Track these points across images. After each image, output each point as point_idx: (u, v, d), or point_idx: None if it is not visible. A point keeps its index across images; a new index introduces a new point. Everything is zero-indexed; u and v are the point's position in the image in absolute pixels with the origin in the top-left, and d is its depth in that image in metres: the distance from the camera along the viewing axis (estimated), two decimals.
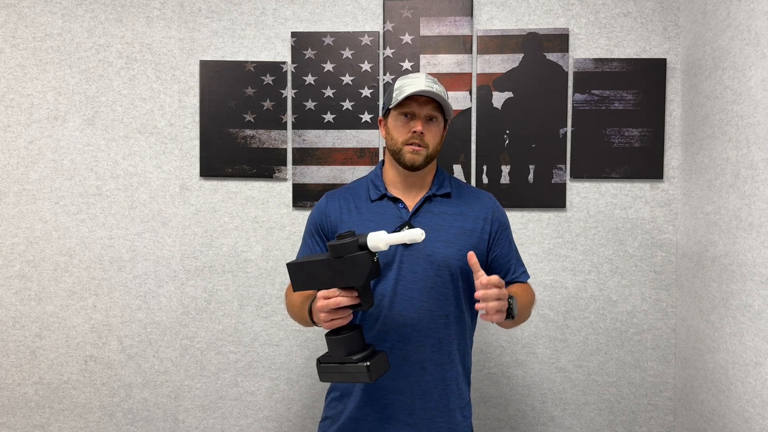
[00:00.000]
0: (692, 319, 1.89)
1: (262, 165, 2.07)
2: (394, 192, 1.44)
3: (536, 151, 2.03)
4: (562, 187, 2.03)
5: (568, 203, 2.04)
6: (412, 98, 1.36)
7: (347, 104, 2.05)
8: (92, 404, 2.12)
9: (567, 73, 2.02)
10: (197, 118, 2.09)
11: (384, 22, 2.04)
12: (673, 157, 2.02)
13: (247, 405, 2.11)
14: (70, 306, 2.10)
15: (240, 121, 2.06)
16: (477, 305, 1.14)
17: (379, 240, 1.13)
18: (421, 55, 2.04)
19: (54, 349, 2.11)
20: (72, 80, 2.08)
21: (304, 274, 1.22)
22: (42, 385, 2.11)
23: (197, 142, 2.09)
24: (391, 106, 1.40)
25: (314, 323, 1.28)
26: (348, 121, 2.05)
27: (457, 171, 2.04)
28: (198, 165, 2.09)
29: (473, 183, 2.05)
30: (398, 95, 1.37)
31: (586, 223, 2.04)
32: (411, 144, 1.36)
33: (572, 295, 2.05)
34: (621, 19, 2.01)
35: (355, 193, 1.48)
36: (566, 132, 2.03)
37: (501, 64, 2.03)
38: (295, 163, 2.07)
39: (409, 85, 1.36)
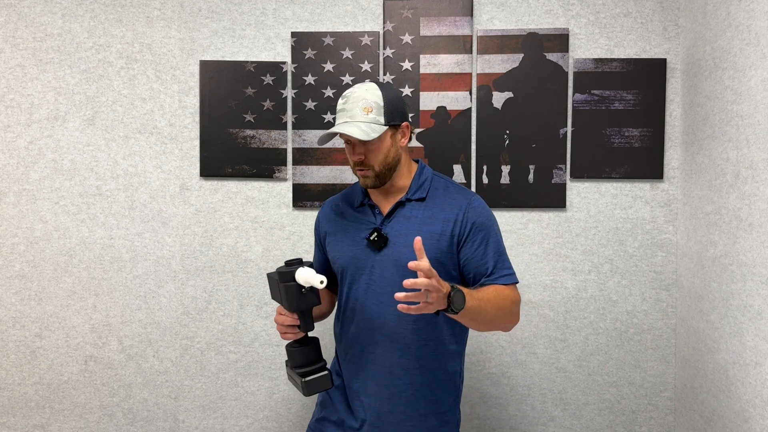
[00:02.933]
0: (692, 319, 1.89)
1: (262, 165, 2.07)
2: (373, 199, 1.46)
3: (536, 151, 2.03)
4: (562, 187, 2.03)
5: (568, 203, 2.04)
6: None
7: None
8: (92, 404, 2.12)
9: (567, 73, 2.02)
10: (197, 118, 2.09)
11: (384, 22, 2.04)
12: (673, 157, 2.02)
13: (247, 405, 2.11)
14: (70, 306, 2.10)
15: (240, 121, 2.06)
16: (399, 306, 1.08)
17: (300, 276, 1.24)
18: (421, 55, 2.04)
19: (54, 349, 2.11)
20: (72, 80, 2.08)
21: (272, 288, 1.35)
22: (42, 385, 2.11)
23: (197, 142, 2.09)
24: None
25: None
26: None
27: (457, 171, 2.04)
28: (198, 165, 2.09)
29: (473, 183, 2.05)
30: (328, 131, 1.39)
31: (586, 223, 2.04)
32: (358, 169, 1.39)
33: (572, 295, 2.05)
34: (621, 19, 2.01)
35: (348, 198, 1.53)
36: (566, 132, 2.03)
37: (501, 64, 2.03)
38: (295, 163, 2.07)
39: (337, 113, 1.39)
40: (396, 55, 2.04)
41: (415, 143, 2.04)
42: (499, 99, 2.03)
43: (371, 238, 1.37)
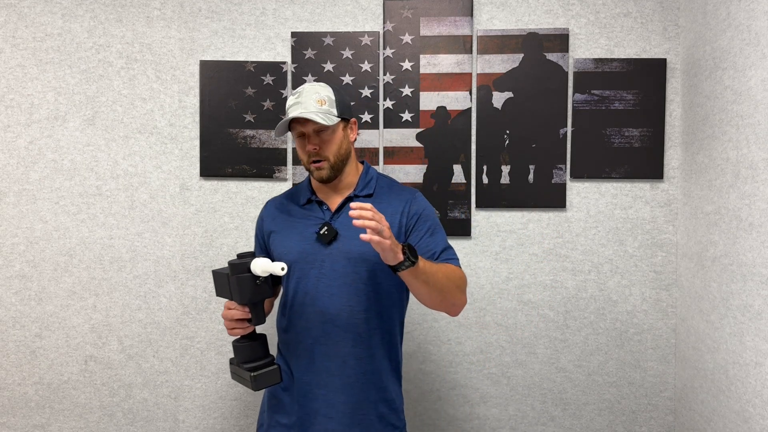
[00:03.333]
0: (692, 319, 1.89)
1: (262, 165, 2.07)
2: (321, 195, 1.50)
3: (536, 151, 2.03)
4: (562, 187, 2.03)
5: (568, 203, 2.04)
6: (295, 119, 1.41)
7: None
8: (92, 404, 2.12)
9: (567, 73, 2.02)
10: (197, 118, 2.09)
11: (384, 22, 2.04)
12: (673, 157, 2.02)
13: (247, 405, 2.11)
14: (70, 306, 2.10)
15: (240, 121, 2.06)
16: (354, 221, 1.14)
17: (257, 266, 1.23)
18: (421, 55, 2.04)
19: (54, 349, 2.11)
20: (72, 80, 2.08)
21: (218, 284, 1.33)
22: (42, 385, 2.11)
23: (197, 142, 2.09)
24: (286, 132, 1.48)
25: None
26: None
27: (457, 171, 2.04)
28: (198, 165, 2.09)
29: (473, 183, 2.05)
30: (284, 119, 1.42)
31: (586, 223, 2.04)
32: (312, 162, 1.43)
33: (572, 295, 2.05)
34: (621, 19, 2.01)
35: (292, 197, 1.57)
36: (566, 132, 2.03)
37: (501, 64, 2.03)
38: (295, 163, 2.07)
39: (290, 108, 1.42)
40: (396, 55, 2.04)
41: (415, 143, 2.04)
42: (499, 99, 2.03)
43: (321, 232, 1.41)
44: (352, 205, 1.15)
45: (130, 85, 2.09)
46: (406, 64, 2.05)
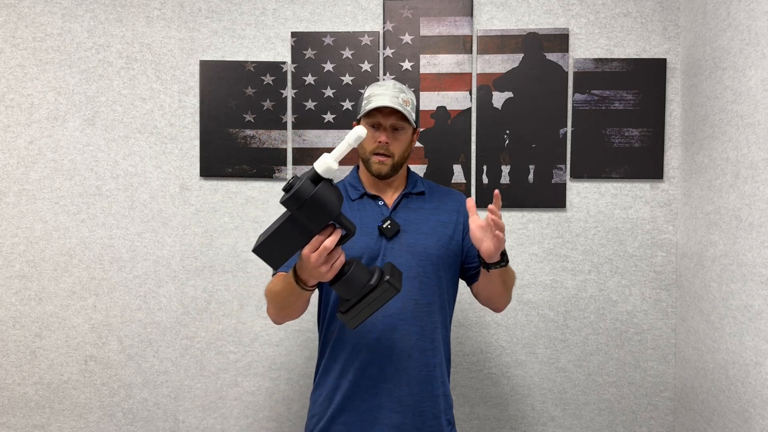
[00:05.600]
0: (692, 319, 1.89)
1: (262, 165, 2.07)
2: (373, 191, 1.51)
3: (536, 151, 2.03)
4: (562, 187, 2.03)
5: (568, 203, 2.04)
6: (377, 109, 1.42)
7: (347, 104, 2.05)
8: (92, 404, 2.12)
9: (567, 73, 2.02)
10: (197, 118, 2.09)
11: (384, 22, 2.04)
12: (673, 157, 2.02)
13: (247, 405, 2.11)
14: (70, 306, 2.10)
15: (240, 121, 2.06)
16: (491, 217, 1.21)
17: (326, 162, 1.05)
18: (421, 55, 2.04)
19: (54, 349, 2.11)
20: (72, 80, 2.08)
21: (276, 248, 1.12)
22: (42, 385, 2.11)
23: (197, 142, 2.09)
24: (359, 116, 1.48)
25: (309, 288, 1.25)
26: (348, 121, 2.05)
27: (457, 171, 2.04)
28: (198, 165, 2.09)
29: (473, 183, 2.05)
30: (366, 105, 1.43)
31: (586, 223, 2.04)
32: (377, 154, 1.43)
33: (572, 295, 2.05)
34: (621, 19, 2.01)
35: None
36: (566, 132, 2.03)
37: (501, 64, 2.03)
38: (295, 163, 2.07)
39: (376, 96, 1.43)
40: (396, 55, 2.04)
41: (415, 143, 2.04)
42: (499, 99, 2.03)
43: (385, 225, 1.42)
44: (491, 208, 1.22)
45: (130, 85, 2.09)
46: (406, 64, 2.04)
